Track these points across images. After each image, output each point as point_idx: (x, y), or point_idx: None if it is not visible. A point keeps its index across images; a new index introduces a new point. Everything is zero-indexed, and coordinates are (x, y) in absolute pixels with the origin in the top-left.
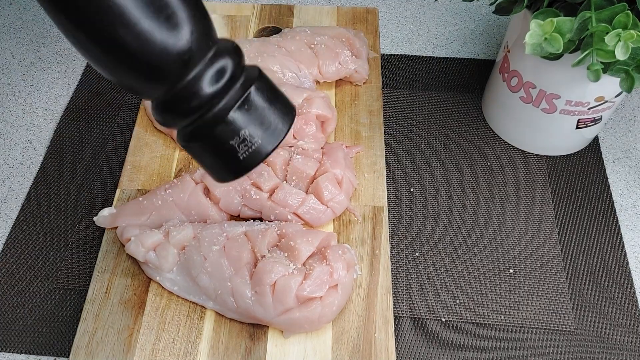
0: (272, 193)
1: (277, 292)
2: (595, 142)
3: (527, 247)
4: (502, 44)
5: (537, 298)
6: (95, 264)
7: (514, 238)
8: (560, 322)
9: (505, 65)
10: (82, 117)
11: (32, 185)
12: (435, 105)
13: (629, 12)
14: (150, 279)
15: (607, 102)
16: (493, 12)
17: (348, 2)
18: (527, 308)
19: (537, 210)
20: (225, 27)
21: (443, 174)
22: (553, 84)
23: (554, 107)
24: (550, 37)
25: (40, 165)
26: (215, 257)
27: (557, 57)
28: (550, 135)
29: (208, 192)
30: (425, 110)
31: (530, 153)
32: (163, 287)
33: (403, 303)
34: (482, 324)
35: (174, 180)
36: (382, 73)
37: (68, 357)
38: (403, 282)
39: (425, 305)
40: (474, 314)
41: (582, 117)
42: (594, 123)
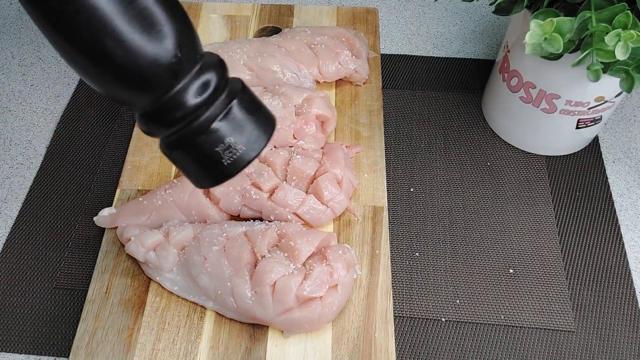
0: (272, 193)
1: (277, 292)
2: (595, 142)
3: (527, 247)
4: (502, 44)
5: (537, 298)
6: (95, 264)
7: (514, 238)
8: (560, 322)
9: (505, 65)
10: (82, 117)
11: (32, 185)
12: (435, 105)
13: (629, 12)
14: (150, 279)
15: (607, 102)
16: (493, 12)
17: (348, 2)
18: (527, 308)
19: (537, 210)
20: (225, 27)
21: (443, 174)
22: (553, 84)
23: (554, 107)
24: (550, 37)
25: (40, 165)
26: (215, 257)
27: (557, 57)
28: (550, 135)
29: (208, 192)
30: (425, 110)
31: (530, 153)
32: (163, 287)
33: (403, 303)
34: (482, 324)
35: (174, 180)
36: (382, 73)
37: (68, 357)
38: (403, 282)
39: (425, 305)
40: (474, 314)
41: (582, 117)
42: (594, 123)
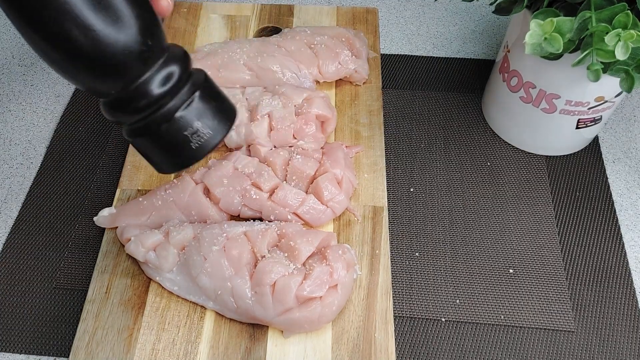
0: (272, 193)
1: (277, 292)
2: (595, 142)
3: (527, 247)
4: (502, 44)
5: (537, 298)
6: (95, 264)
7: (514, 238)
8: (560, 322)
9: (505, 65)
10: (82, 117)
11: (32, 185)
12: (435, 105)
13: (629, 12)
14: (150, 279)
15: (607, 102)
16: (493, 12)
17: (348, 2)
18: (527, 308)
19: (537, 210)
20: (225, 27)
21: (443, 174)
22: (553, 84)
23: (554, 107)
24: (550, 37)
25: (40, 165)
26: (215, 257)
27: (557, 57)
28: (550, 135)
29: (208, 192)
30: (425, 110)
31: (530, 153)
32: (163, 287)
33: (403, 303)
34: (482, 324)
35: (174, 180)
36: (382, 73)
37: (68, 357)
38: (403, 282)
39: (425, 305)
40: (474, 314)
41: (582, 117)
42: (594, 123)
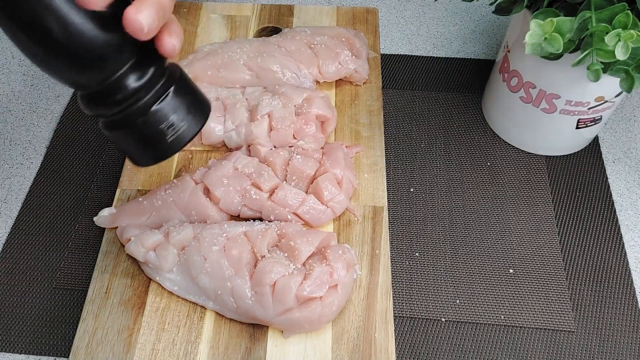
0: (272, 193)
1: (277, 292)
2: (595, 142)
3: (527, 247)
4: (502, 44)
5: (537, 298)
6: (95, 264)
7: (514, 238)
8: (560, 322)
9: (505, 65)
10: (82, 117)
11: (32, 185)
12: (435, 105)
13: (629, 12)
14: (150, 279)
15: (607, 102)
16: (493, 12)
17: (348, 2)
18: (527, 308)
19: (537, 210)
20: (225, 27)
21: (443, 174)
22: (553, 84)
23: (554, 107)
24: (550, 37)
25: (40, 165)
26: (215, 257)
27: (557, 57)
28: (550, 135)
29: (208, 192)
30: (425, 110)
31: (530, 153)
32: (163, 287)
33: (403, 303)
34: (482, 324)
35: (174, 181)
36: (382, 73)
37: (68, 357)
38: (403, 282)
39: (425, 305)
40: (474, 314)
41: (582, 117)
42: (594, 123)
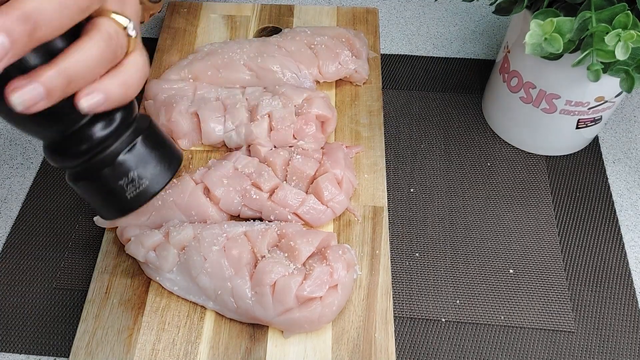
0: (272, 193)
1: (277, 292)
2: (595, 142)
3: (527, 247)
4: (502, 44)
5: (537, 298)
6: (95, 264)
7: (514, 238)
8: (560, 322)
9: (505, 66)
10: None
11: (32, 185)
12: (436, 106)
13: (629, 12)
14: (150, 279)
15: (607, 102)
16: (493, 12)
17: (348, 2)
18: (527, 308)
19: (537, 211)
20: (225, 27)
21: (443, 174)
22: (553, 84)
23: (554, 107)
24: (550, 37)
25: (40, 165)
26: (215, 257)
27: (557, 57)
28: (550, 135)
29: (208, 192)
30: (426, 111)
31: (530, 153)
32: (163, 287)
33: (403, 303)
34: (482, 325)
35: (174, 181)
36: (382, 73)
37: (68, 357)
38: (403, 282)
39: (425, 306)
40: (474, 314)
41: (582, 117)
42: (594, 123)
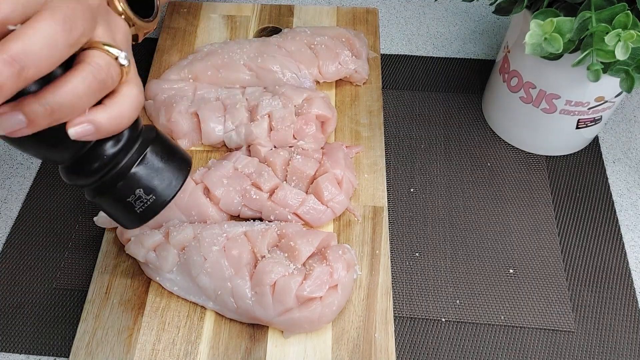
0: (272, 193)
1: (277, 292)
2: (595, 142)
3: (527, 247)
4: (502, 44)
5: (537, 298)
6: (95, 264)
7: (514, 238)
8: (560, 322)
9: (505, 66)
10: None
11: (32, 185)
12: (435, 106)
13: (629, 12)
14: (150, 279)
15: (607, 102)
16: (493, 12)
17: (348, 2)
18: (527, 308)
19: (537, 211)
20: (225, 27)
21: (443, 174)
22: (553, 84)
23: (554, 107)
24: (550, 37)
25: (40, 165)
26: (215, 257)
27: (557, 57)
28: (550, 135)
29: (208, 192)
30: (425, 111)
31: (530, 153)
32: (163, 287)
33: (403, 303)
34: (482, 324)
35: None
36: (382, 73)
37: (68, 357)
38: (403, 282)
39: (425, 305)
40: (474, 314)
41: (582, 117)
42: (594, 123)
